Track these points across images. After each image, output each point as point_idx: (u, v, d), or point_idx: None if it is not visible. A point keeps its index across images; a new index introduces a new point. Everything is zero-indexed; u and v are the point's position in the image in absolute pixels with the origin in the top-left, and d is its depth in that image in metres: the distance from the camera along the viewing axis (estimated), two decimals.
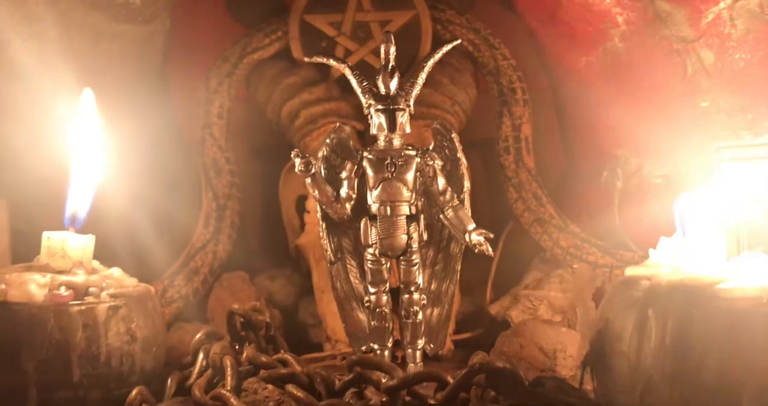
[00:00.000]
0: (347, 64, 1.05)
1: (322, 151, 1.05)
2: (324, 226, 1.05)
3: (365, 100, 1.02)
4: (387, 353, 1.02)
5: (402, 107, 1.01)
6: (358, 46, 1.37)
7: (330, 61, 1.07)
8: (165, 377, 1.00)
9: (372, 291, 1.02)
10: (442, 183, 1.01)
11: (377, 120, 1.01)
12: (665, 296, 0.76)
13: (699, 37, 1.18)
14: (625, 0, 1.22)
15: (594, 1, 1.23)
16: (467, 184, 1.03)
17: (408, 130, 1.02)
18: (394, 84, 1.01)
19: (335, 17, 1.37)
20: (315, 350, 1.26)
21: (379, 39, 1.26)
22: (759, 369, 0.71)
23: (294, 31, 1.38)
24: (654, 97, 1.22)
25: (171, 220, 1.35)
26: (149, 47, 1.37)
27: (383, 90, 1.01)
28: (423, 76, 1.03)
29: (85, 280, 0.96)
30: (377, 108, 1.01)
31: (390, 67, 1.01)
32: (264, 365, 0.95)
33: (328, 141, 1.05)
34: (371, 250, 1.01)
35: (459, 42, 1.10)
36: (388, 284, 1.02)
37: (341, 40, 1.37)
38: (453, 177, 1.03)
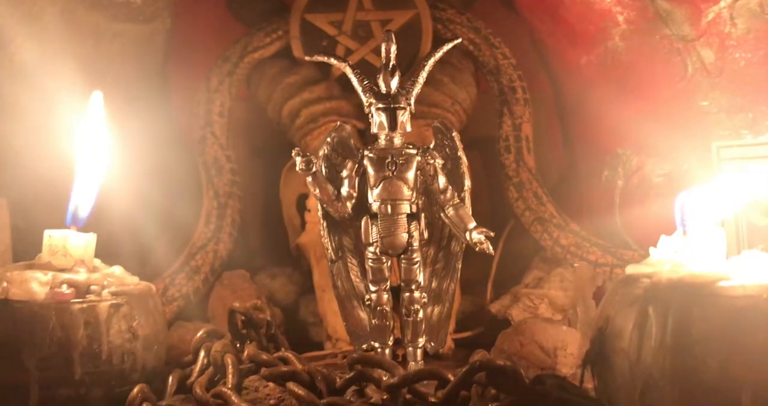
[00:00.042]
0: (348, 62, 1.05)
1: (323, 150, 1.05)
2: (325, 224, 1.06)
3: (366, 98, 1.02)
4: (388, 352, 1.02)
5: (403, 106, 1.01)
6: (358, 45, 1.37)
7: (331, 60, 1.08)
8: (166, 376, 1.00)
9: (373, 289, 1.02)
10: (442, 182, 1.02)
11: (378, 119, 1.01)
12: (665, 293, 0.77)
13: (699, 36, 1.18)
14: None
15: (594, 0, 1.23)
16: (468, 182, 1.03)
17: (409, 128, 1.02)
18: (394, 83, 1.01)
19: (336, 16, 1.38)
20: (316, 348, 1.26)
21: (380, 38, 1.26)
22: (759, 366, 0.71)
23: (295, 30, 1.38)
24: (654, 96, 1.22)
25: (172, 218, 1.35)
26: (150, 46, 1.37)
27: (384, 89, 1.01)
28: (424, 75, 1.04)
29: (87, 278, 0.96)
30: (378, 107, 1.01)
31: (391, 66, 1.01)
32: (265, 363, 0.95)
33: (328, 140, 1.05)
34: (372, 248, 1.01)
35: (459, 41, 1.10)
36: (388, 282, 1.02)
37: (342, 39, 1.37)
38: (453, 176, 1.03)
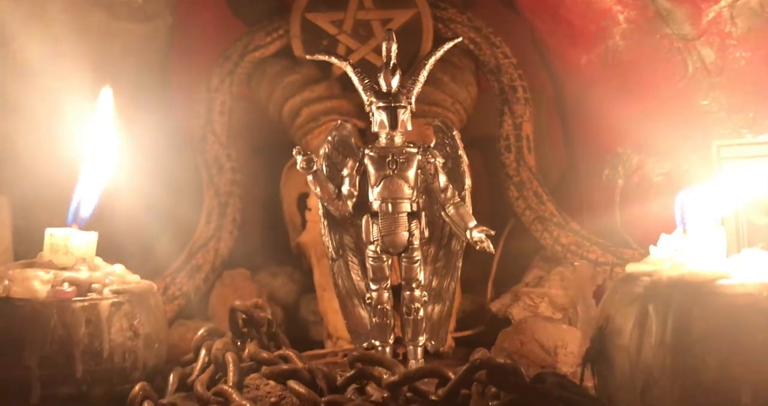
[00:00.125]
0: (349, 61, 1.05)
1: (323, 149, 1.05)
2: (325, 223, 1.06)
3: (367, 97, 1.02)
4: (388, 350, 1.03)
5: (403, 105, 1.01)
6: (359, 44, 1.37)
7: (331, 59, 1.08)
8: (167, 374, 1.01)
9: (373, 288, 1.02)
10: (443, 180, 1.02)
11: (379, 117, 1.01)
12: (665, 292, 0.77)
13: (700, 36, 1.18)
14: None
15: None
16: (468, 181, 1.03)
17: (409, 127, 1.02)
18: (395, 82, 1.01)
19: (336, 15, 1.37)
20: (316, 347, 1.26)
21: (381, 37, 1.27)
22: (759, 365, 0.71)
23: (295, 30, 1.38)
24: (655, 95, 1.22)
25: (173, 217, 1.35)
26: (151, 45, 1.37)
27: (385, 88, 1.01)
28: (424, 74, 1.04)
29: (88, 276, 0.96)
30: (379, 105, 1.01)
31: (391, 65, 1.01)
32: (266, 362, 0.95)
33: (329, 138, 1.05)
34: (373, 247, 1.01)
35: (460, 40, 1.10)
36: (389, 281, 1.03)
37: (342, 38, 1.37)
38: (454, 174, 1.03)
